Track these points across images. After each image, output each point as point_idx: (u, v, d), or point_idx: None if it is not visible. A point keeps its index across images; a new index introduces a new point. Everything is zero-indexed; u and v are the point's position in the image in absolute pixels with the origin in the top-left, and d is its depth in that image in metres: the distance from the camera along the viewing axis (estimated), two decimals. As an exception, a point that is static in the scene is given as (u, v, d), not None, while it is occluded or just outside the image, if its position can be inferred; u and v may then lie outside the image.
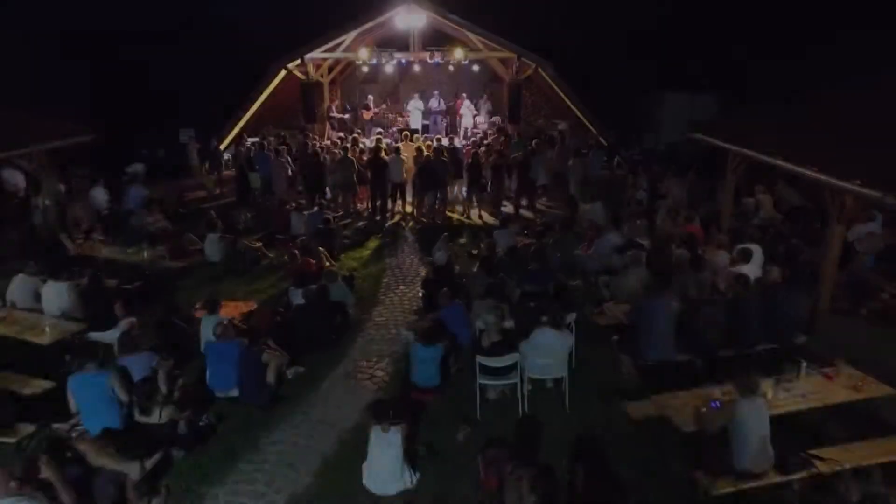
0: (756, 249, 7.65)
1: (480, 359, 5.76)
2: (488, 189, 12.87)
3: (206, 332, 6.84)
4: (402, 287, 9.02)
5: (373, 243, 10.96)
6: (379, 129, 15.83)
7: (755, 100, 15.67)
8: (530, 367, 5.86)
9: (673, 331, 5.96)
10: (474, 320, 6.68)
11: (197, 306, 7.67)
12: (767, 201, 11.01)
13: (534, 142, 13.42)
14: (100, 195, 11.36)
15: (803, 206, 10.29)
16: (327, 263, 9.60)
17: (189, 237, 10.61)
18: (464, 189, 12.90)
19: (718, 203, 11.58)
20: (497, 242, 9.58)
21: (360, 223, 12.14)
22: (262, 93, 16.31)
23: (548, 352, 5.77)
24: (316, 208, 11.07)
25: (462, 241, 10.97)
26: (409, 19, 15.58)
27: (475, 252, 10.18)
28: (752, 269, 7.02)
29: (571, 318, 6.55)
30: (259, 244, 10.25)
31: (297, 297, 7.72)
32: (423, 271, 9.65)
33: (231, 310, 8.31)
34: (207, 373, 6.26)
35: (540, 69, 16.18)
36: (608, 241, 8.51)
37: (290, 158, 13.27)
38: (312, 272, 9.03)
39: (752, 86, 18.24)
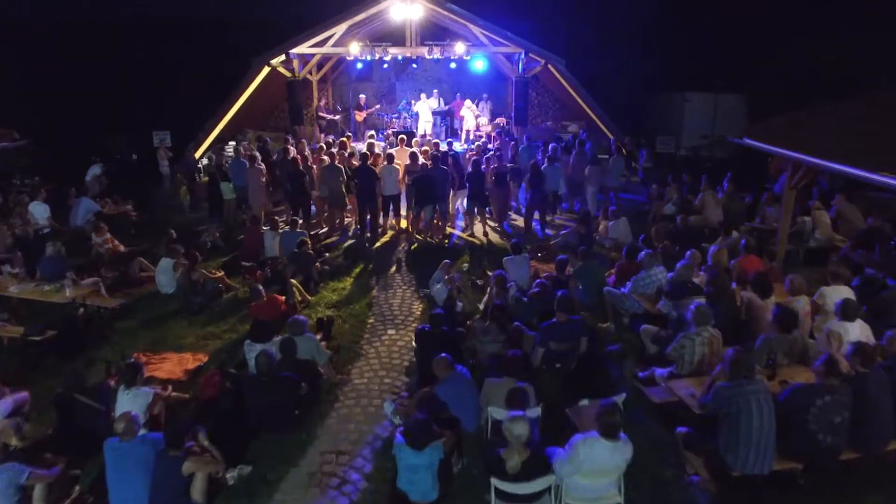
0: (850, 294, 5.66)
1: (498, 483, 3.76)
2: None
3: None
4: (390, 332, 6.99)
5: (359, 269, 8.92)
6: (371, 133, 13.73)
7: (788, 100, 13.62)
8: (570, 488, 3.85)
9: (774, 434, 3.96)
10: (485, 404, 4.67)
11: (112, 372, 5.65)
12: (824, 220, 9.01)
13: (550, 146, 11.36)
14: (39, 211, 9.34)
15: (877, 227, 8.24)
16: (299, 298, 7.61)
17: (141, 262, 8.63)
18: (464, 202, 10.87)
19: (765, 220, 9.60)
20: (508, 273, 7.61)
21: (346, 243, 10.10)
22: (243, 92, 14.24)
23: (598, 471, 3.76)
24: (287, 227, 9.03)
25: (465, 265, 8.94)
26: (406, 11, 13.53)
27: (480, 282, 8.19)
28: (858, 331, 5.02)
29: (620, 399, 4.55)
30: (220, 273, 8.21)
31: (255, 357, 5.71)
32: (417, 307, 7.66)
33: (174, 365, 6.34)
34: (108, 486, 4.25)
35: (549, 66, 14.12)
36: (654, 278, 6.48)
37: (267, 166, 11.22)
38: (281, 313, 7.04)
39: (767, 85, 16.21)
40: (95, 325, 6.87)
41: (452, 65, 15.24)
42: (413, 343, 6.44)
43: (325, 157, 10.91)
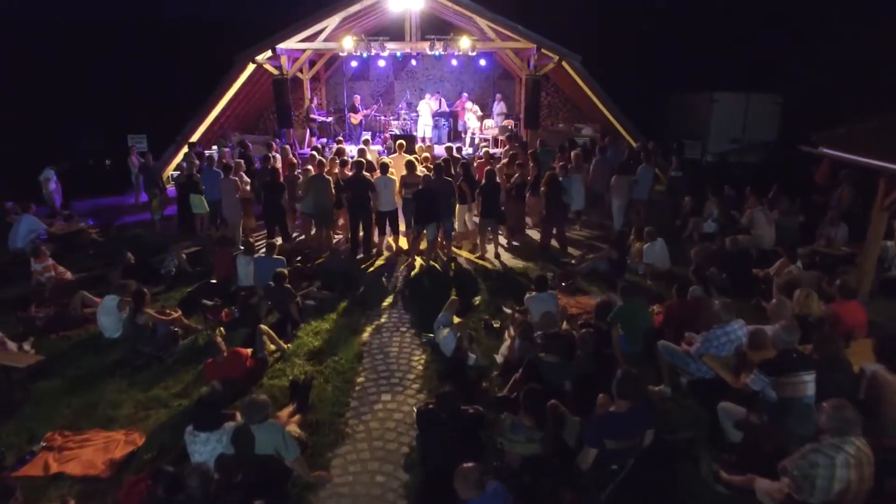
0: None
1: None
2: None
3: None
4: (385, 397, 5.28)
5: (348, 304, 7.21)
6: (365, 137, 12.02)
7: (827, 101, 11.94)
8: None
9: None
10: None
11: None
12: (904, 242, 7.35)
13: (572, 154, 9.67)
14: (-34, 232, 7.65)
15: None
16: (272, 348, 5.91)
17: (84, 296, 6.93)
18: (474, 217, 9.18)
19: (831, 243, 7.92)
20: (531, 314, 5.96)
21: (335, 268, 8.39)
22: (225, 92, 12.53)
23: None
24: (263, 253, 7.34)
25: (476, 300, 7.24)
26: (405, 1, 11.84)
27: (496, 324, 6.50)
28: None
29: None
30: (177, 313, 6.49)
31: (198, 452, 4.05)
32: (418, 359, 5.95)
33: (96, 452, 4.65)
34: None
35: (564, 63, 12.41)
36: (732, 335, 4.78)
37: (248, 175, 9.51)
38: (247, 371, 5.40)
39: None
40: (2, 391, 5.16)
41: (454, 61, 13.53)
42: (414, 416, 4.78)
43: (310, 167, 9.21)
